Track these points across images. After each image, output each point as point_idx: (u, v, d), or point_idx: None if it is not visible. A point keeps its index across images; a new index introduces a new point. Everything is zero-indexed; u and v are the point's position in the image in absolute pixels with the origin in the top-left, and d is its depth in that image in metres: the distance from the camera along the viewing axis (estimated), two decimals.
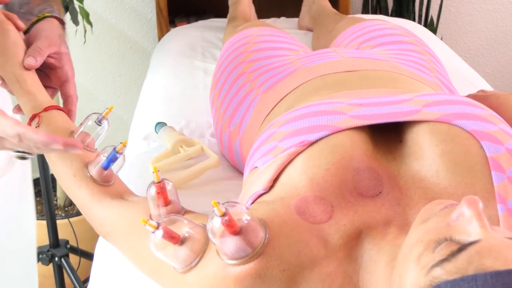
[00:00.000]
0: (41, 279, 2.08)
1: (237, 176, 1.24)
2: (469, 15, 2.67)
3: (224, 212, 0.68)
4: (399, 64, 1.15)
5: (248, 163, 0.93)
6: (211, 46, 1.95)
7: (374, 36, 1.35)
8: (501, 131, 0.80)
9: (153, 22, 2.50)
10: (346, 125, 0.82)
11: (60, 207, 2.13)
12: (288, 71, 1.14)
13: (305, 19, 2.06)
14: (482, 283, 0.52)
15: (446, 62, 1.44)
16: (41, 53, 0.96)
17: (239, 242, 0.70)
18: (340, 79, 1.04)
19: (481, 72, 2.69)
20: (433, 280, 0.56)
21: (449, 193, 0.75)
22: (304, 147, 0.81)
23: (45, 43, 0.97)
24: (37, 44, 0.96)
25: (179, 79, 1.74)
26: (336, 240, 0.73)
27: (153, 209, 0.84)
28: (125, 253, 0.91)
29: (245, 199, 0.82)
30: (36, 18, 1.02)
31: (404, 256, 0.63)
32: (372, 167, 0.78)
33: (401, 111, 0.84)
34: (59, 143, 0.77)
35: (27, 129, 0.76)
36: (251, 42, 1.32)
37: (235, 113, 1.19)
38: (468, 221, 0.58)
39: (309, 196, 0.75)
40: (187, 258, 0.75)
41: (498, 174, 0.75)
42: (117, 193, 0.93)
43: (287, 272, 0.71)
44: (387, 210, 0.75)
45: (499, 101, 1.08)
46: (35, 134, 0.76)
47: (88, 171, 0.91)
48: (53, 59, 0.99)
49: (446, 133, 0.80)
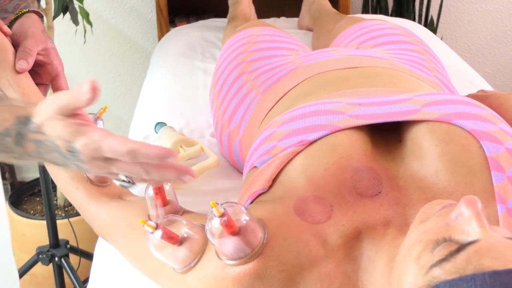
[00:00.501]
0: (41, 279, 2.09)
1: (237, 176, 1.24)
2: (469, 15, 2.66)
3: (223, 212, 0.68)
4: (399, 62, 1.15)
5: (247, 162, 0.93)
6: (211, 46, 1.95)
7: (374, 36, 1.35)
8: (500, 130, 0.80)
9: (153, 22, 2.50)
10: (345, 124, 0.82)
11: (60, 207, 2.13)
12: (288, 70, 1.14)
13: (305, 19, 2.06)
14: (481, 283, 0.52)
15: (446, 62, 1.44)
16: (31, 54, 0.95)
17: (238, 242, 0.70)
18: (340, 76, 1.03)
19: (481, 72, 2.69)
20: (432, 280, 0.56)
21: (448, 193, 0.75)
22: (303, 146, 0.81)
23: (32, 42, 0.96)
24: (25, 45, 0.95)
25: (179, 79, 1.73)
26: (335, 240, 0.73)
27: (152, 209, 0.84)
28: (124, 254, 0.91)
29: (244, 199, 0.82)
30: (15, 16, 1.00)
31: (403, 256, 0.63)
32: (371, 167, 0.78)
33: (401, 111, 0.84)
34: (174, 155, 0.66)
35: (140, 144, 0.66)
36: (250, 42, 1.32)
37: (235, 113, 1.19)
38: (467, 221, 0.58)
39: (308, 196, 0.75)
40: (186, 258, 0.75)
41: (497, 174, 0.75)
42: (114, 193, 0.93)
43: (286, 273, 0.70)
44: (386, 210, 0.75)
45: (499, 101, 1.08)
46: (150, 148, 0.66)
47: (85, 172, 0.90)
48: (41, 56, 0.98)
49: (446, 132, 0.79)
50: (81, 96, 0.66)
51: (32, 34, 0.97)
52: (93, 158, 0.67)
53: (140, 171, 0.67)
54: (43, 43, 0.98)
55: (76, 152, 0.67)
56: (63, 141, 0.67)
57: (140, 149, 0.65)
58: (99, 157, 0.67)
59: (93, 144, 0.66)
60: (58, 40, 1.97)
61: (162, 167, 0.68)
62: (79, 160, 0.67)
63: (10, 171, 2.54)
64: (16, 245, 2.12)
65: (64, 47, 2.31)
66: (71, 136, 0.67)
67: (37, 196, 2.24)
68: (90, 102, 0.66)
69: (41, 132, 0.68)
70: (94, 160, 0.67)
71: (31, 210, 2.17)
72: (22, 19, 1.00)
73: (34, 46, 0.96)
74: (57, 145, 0.67)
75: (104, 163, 0.67)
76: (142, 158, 0.66)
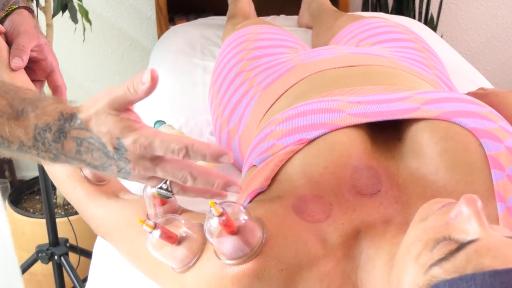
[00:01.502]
0: (41, 278, 2.09)
1: (236, 174, 1.24)
2: (469, 13, 2.66)
3: (222, 212, 0.68)
4: (399, 60, 1.14)
5: (246, 161, 0.93)
6: (210, 44, 1.95)
7: (374, 33, 1.35)
8: (500, 128, 0.80)
9: (152, 20, 2.50)
10: (344, 123, 0.82)
11: (60, 206, 2.13)
12: (287, 68, 1.14)
13: (305, 17, 2.05)
14: (481, 282, 0.52)
15: (446, 59, 1.44)
16: (25, 51, 0.94)
17: (236, 242, 0.69)
18: (339, 75, 1.03)
19: (481, 69, 2.69)
20: (431, 279, 0.56)
21: (448, 191, 0.75)
22: (302, 145, 0.80)
23: (25, 39, 0.95)
24: (18, 42, 0.94)
25: (179, 77, 1.73)
26: (335, 239, 0.73)
27: (150, 208, 0.84)
28: (123, 252, 0.90)
29: (243, 198, 0.82)
30: (5, 13, 0.99)
31: (402, 255, 0.63)
32: (370, 165, 0.78)
33: (400, 109, 0.83)
34: (229, 154, 0.63)
35: (194, 140, 0.63)
36: (250, 40, 1.31)
37: (234, 111, 1.18)
38: (467, 220, 0.58)
39: (307, 195, 0.75)
40: (185, 258, 0.74)
41: (497, 172, 0.75)
42: (112, 191, 0.93)
43: (285, 272, 0.70)
44: (386, 208, 0.75)
45: (498, 99, 1.07)
46: (205, 145, 0.63)
47: (82, 171, 0.90)
48: (35, 52, 0.98)
49: (445, 131, 0.79)
50: (139, 86, 0.62)
51: (24, 31, 0.96)
52: (141, 157, 0.64)
53: (187, 176, 0.65)
54: (36, 39, 0.97)
55: (123, 149, 0.63)
56: (111, 137, 0.63)
57: (195, 145, 0.63)
58: (146, 156, 0.64)
59: (144, 140, 0.63)
60: (57, 38, 1.97)
61: (209, 174, 0.65)
62: (124, 159, 0.64)
63: (9, 169, 2.54)
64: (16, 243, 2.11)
65: (64, 45, 2.30)
66: (121, 132, 0.63)
67: (36, 195, 2.24)
68: (149, 92, 0.62)
69: (86, 128, 0.64)
70: (141, 159, 0.64)
71: (30, 208, 2.17)
72: (12, 15, 0.99)
73: (27, 43, 0.95)
74: (103, 142, 0.64)
75: (150, 164, 0.65)
76: (196, 154, 0.63)
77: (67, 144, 0.65)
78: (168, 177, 0.66)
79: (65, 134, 0.65)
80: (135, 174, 0.66)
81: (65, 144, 0.66)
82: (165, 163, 0.65)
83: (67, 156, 0.67)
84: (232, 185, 0.66)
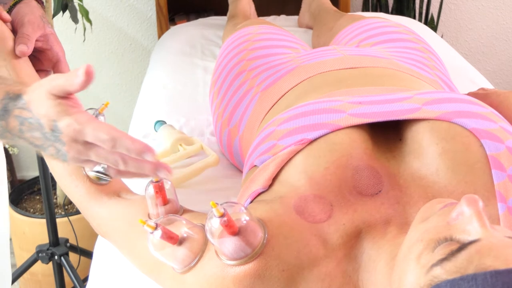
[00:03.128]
0: (41, 278, 2.09)
1: (237, 174, 1.24)
2: (469, 13, 2.66)
3: (223, 212, 0.68)
4: (399, 61, 1.14)
5: (247, 161, 0.93)
6: (210, 44, 1.95)
7: (374, 34, 1.35)
8: (501, 129, 0.80)
9: (152, 20, 2.50)
10: (345, 123, 0.82)
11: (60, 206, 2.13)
12: (288, 69, 1.14)
13: (305, 17, 2.05)
14: (482, 283, 0.52)
15: (446, 60, 1.44)
16: (30, 39, 0.94)
17: (238, 242, 0.69)
18: (340, 77, 1.03)
19: (482, 70, 2.69)
20: (433, 280, 0.56)
21: (449, 192, 0.75)
22: (303, 145, 0.80)
23: (30, 28, 0.95)
24: (23, 31, 0.95)
25: (179, 77, 1.73)
26: (336, 239, 0.73)
27: (152, 208, 0.84)
28: (124, 252, 0.90)
29: (244, 198, 0.82)
30: (13, 2, 0.99)
31: (404, 255, 0.63)
32: (371, 166, 0.78)
33: (401, 109, 0.83)
34: (153, 152, 0.67)
35: (123, 134, 0.67)
36: (250, 40, 1.31)
37: (235, 111, 1.18)
38: (468, 220, 0.58)
39: (308, 195, 0.75)
40: (186, 258, 0.74)
41: (498, 172, 0.75)
42: (114, 191, 0.93)
43: (286, 272, 0.70)
44: (387, 209, 0.75)
45: (499, 99, 1.07)
46: (131, 140, 0.67)
47: (84, 170, 0.90)
48: (40, 42, 0.98)
49: (446, 131, 0.79)
50: (75, 79, 0.66)
51: (29, 21, 0.96)
52: (74, 141, 0.68)
53: (118, 160, 0.68)
54: (41, 29, 0.97)
55: (58, 132, 0.68)
56: (48, 119, 0.68)
57: (122, 139, 0.66)
58: (79, 140, 0.68)
59: (77, 125, 0.67)
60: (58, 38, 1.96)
61: (140, 160, 0.69)
62: (60, 141, 0.68)
63: (10, 169, 2.54)
64: (16, 243, 2.12)
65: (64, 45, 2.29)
66: (57, 115, 0.68)
67: (37, 195, 2.24)
68: (83, 86, 0.67)
69: (27, 109, 0.70)
70: (75, 142, 0.68)
71: (31, 208, 2.17)
72: (20, 5, 0.99)
73: (32, 32, 0.95)
74: (41, 124, 0.69)
75: (83, 148, 0.68)
76: (121, 148, 0.67)
77: (11, 122, 0.71)
78: (101, 160, 0.69)
79: (9, 112, 0.71)
80: (70, 156, 0.70)
81: (9, 122, 0.71)
82: (97, 148, 0.68)
83: (12, 134, 0.72)
84: (161, 169, 0.69)
